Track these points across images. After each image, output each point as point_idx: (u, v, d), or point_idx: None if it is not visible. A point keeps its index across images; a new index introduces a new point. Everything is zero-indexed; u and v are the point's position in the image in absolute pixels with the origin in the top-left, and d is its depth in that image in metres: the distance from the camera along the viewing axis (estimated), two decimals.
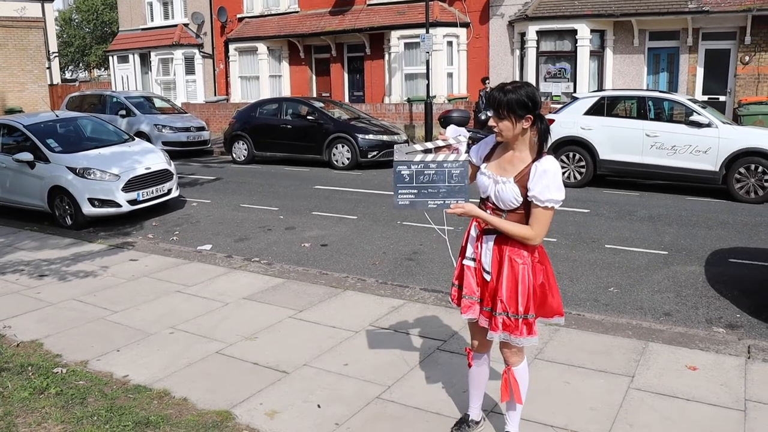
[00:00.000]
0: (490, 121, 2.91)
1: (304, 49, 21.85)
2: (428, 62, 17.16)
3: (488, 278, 3.05)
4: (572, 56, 17.05)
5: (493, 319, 3.03)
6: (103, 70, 47.88)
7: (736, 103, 15.15)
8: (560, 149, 11.31)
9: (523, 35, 17.62)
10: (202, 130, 17.57)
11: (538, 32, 17.21)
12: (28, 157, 9.06)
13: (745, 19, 15.09)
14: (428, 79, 17.23)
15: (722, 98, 16.02)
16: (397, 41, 19.41)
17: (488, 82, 17.05)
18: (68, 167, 8.95)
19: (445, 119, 14.80)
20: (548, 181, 2.84)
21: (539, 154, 2.92)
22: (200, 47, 24.61)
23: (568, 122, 11.29)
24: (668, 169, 10.66)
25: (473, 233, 3.15)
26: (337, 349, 4.58)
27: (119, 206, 8.99)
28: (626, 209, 9.45)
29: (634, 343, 4.57)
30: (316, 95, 21.81)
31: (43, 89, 22.40)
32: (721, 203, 9.91)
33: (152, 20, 26.18)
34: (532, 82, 15.17)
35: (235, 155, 15.72)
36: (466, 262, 3.17)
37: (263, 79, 22.69)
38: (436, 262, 6.95)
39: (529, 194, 2.89)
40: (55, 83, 29.41)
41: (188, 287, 6.06)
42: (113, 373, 4.24)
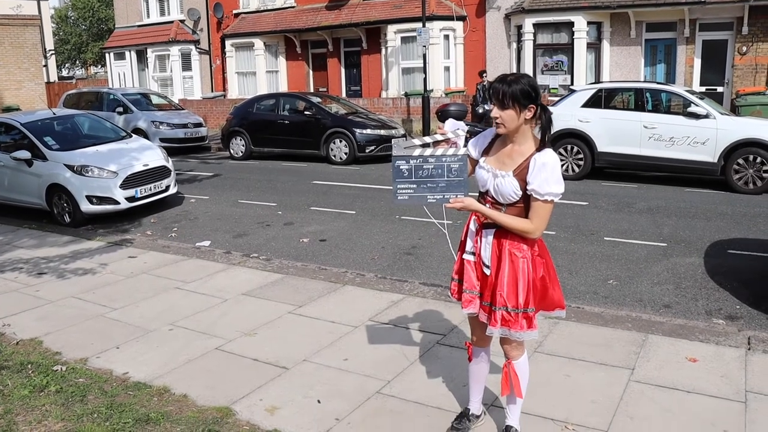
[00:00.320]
0: (492, 111, 2.89)
1: (300, 44, 21.79)
2: (425, 56, 17.11)
3: (488, 272, 3.05)
4: (569, 48, 17.00)
5: (492, 314, 3.02)
6: (99, 67, 47.73)
7: (733, 93, 15.12)
8: (558, 142, 11.29)
9: (519, 28, 17.56)
10: (199, 126, 17.56)
11: (534, 25, 17.15)
12: (25, 155, 9.04)
13: (742, 9, 15.04)
14: (425, 73, 17.18)
15: (720, 89, 15.99)
16: (393, 35, 19.35)
17: (485, 75, 17.00)
18: (66, 165, 8.93)
19: (442, 113, 14.71)
20: (547, 174, 2.83)
21: (542, 144, 2.91)
22: (197, 43, 24.53)
23: (565, 115, 11.25)
24: (666, 160, 10.65)
25: (472, 227, 3.14)
26: (336, 344, 4.58)
27: (117, 203, 8.98)
28: (625, 201, 9.44)
29: (633, 335, 4.57)
30: (313, 90, 21.75)
31: (39, 87, 22.34)
32: (719, 194, 9.91)
33: (148, 17, 26.08)
34: (529, 74, 15.12)
35: (232, 151, 15.70)
36: (466, 256, 3.17)
37: (260, 74, 22.63)
38: (434, 256, 6.95)
39: (528, 188, 2.88)
40: (51, 81, 29.28)
41: (187, 284, 6.06)
42: (113, 370, 4.24)
